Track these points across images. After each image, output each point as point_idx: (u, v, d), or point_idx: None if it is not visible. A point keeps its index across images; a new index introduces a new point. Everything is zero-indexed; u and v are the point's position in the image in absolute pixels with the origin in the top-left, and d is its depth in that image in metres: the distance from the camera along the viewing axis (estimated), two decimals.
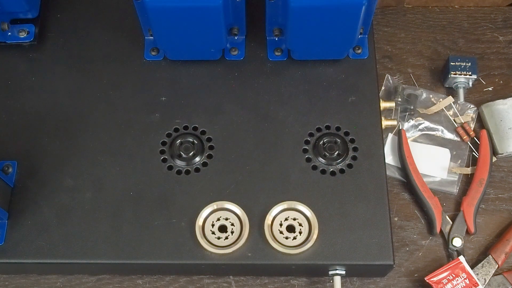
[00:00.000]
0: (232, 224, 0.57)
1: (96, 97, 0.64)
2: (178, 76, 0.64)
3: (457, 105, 0.70)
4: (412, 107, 0.69)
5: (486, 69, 0.73)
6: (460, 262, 0.61)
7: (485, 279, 0.62)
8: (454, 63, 0.70)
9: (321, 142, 0.61)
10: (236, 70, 0.64)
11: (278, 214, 0.57)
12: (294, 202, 0.58)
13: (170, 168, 0.60)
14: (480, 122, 0.70)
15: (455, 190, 0.67)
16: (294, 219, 0.57)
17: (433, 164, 0.68)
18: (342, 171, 0.60)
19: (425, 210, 0.65)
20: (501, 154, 0.68)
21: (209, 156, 0.60)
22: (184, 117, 0.62)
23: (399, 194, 0.67)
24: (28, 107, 0.64)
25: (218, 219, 0.57)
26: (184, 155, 0.60)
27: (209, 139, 0.61)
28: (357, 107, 0.62)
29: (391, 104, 0.65)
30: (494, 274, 0.62)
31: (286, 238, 0.57)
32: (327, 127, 0.61)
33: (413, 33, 0.76)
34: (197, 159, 0.60)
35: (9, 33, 0.66)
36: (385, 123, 0.63)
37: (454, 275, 0.60)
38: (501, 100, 0.69)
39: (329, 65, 0.64)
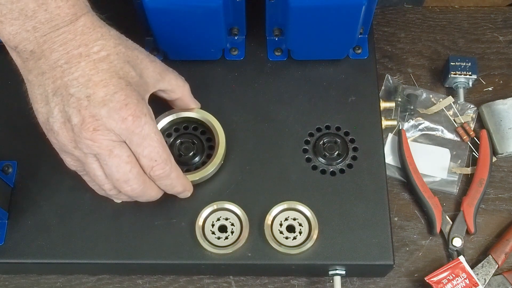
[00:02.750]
0: (232, 224, 0.57)
1: None
2: None
3: (457, 105, 0.70)
4: (412, 107, 0.69)
5: (486, 69, 0.73)
6: (460, 262, 0.61)
7: (485, 279, 0.62)
8: (454, 63, 0.70)
9: (321, 142, 0.61)
10: (236, 70, 0.64)
11: (278, 214, 0.57)
12: (294, 202, 0.58)
13: None
14: (480, 122, 0.70)
15: (455, 190, 0.67)
16: (294, 219, 0.57)
17: (433, 164, 0.68)
18: (342, 171, 0.60)
19: (425, 210, 0.65)
20: (501, 154, 0.68)
21: (209, 156, 0.60)
22: None
23: (399, 194, 0.67)
24: (28, 107, 0.64)
25: (218, 219, 0.58)
26: (184, 155, 0.60)
27: (209, 139, 0.61)
28: (357, 107, 0.62)
29: (391, 104, 0.65)
30: (494, 274, 0.62)
31: (286, 238, 0.57)
32: (327, 127, 0.61)
33: (413, 33, 0.76)
34: (197, 159, 0.60)
35: None
36: (385, 123, 0.63)
37: (454, 275, 0.60)
38: (501, 100, 0.69)
39: (329, 65, 0.64)
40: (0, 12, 0.46)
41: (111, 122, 0.47)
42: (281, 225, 0.57)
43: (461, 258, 0.61)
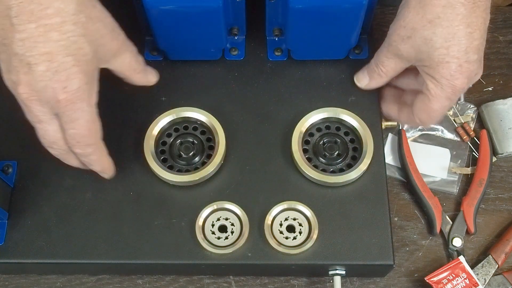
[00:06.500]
0: (232, 224, 0.57)
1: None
2: (178, 76, 0.64)
3: (457, 105, 0.70)
4: None
5: (486, 69, 0.72)
6: (460, 262, 0.61)
7: (485, 279, 0.62)
8: None
9: (321, 142, 0.61)
10: (236, 70, 0.64)
11: (278, 214, 0.57)
12: (294, 202, 0.57)
13: (171, 168, 0.60)
14: (480, 122, 0.70)
15: (455, 190, 0.67)
16: (294, 219, 0.57)
17: (433, 164, 0.68)
18: (342, 171, 0.59)
19: (425, 210, 0.65)
20: (501, 154, 0.68)
21: (209, 156, 0.60)
22: None
23: (399, 194, 0.67)
24: None
25: (218, 219, 0.58)
26: (184, 155, 0.60)
27: (208, 139, 0.61)
28: (357, 107, 0.62)
29: None
30: (494, 274, 0.62)
31: (286, 238, 0.57)
32: (327, 127, 0.61)
33: None
34: (197, 159, 0.60)
35: None
36: (385, 123, 0.63)
37: (454, 275, 0.60)
38: (501, 100, 0.69)
39: (329, 65, 0.64)
40: None
41: (45, 97, 0.46)
42: (281, 225, 0.57)
43: (461, 258, 0.61)
